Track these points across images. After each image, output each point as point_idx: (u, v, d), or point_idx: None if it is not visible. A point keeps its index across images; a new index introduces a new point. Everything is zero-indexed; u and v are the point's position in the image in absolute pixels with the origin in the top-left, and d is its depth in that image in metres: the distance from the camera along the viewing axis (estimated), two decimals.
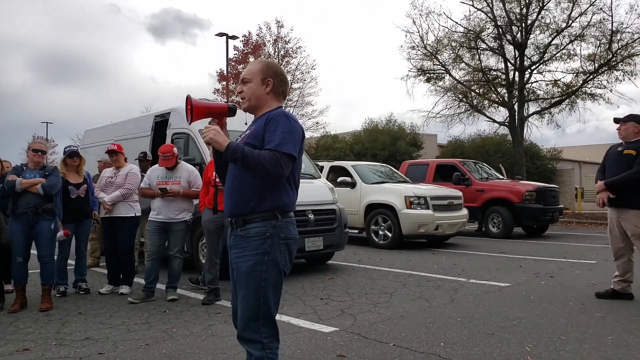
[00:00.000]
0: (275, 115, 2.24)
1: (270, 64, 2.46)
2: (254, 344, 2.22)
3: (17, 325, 4.33)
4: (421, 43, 19.36)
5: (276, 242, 2.23)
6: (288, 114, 2.27)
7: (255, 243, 2.22)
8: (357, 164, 11.26)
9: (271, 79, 2.35)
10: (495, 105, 19.88)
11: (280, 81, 2.39)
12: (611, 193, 4.98)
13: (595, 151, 27.53)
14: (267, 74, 2.36)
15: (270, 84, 2.35)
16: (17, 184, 4.80)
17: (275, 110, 2.30)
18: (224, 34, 22.22)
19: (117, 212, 5.57)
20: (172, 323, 4.35)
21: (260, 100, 2.36)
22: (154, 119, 8.10)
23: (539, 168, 21.66)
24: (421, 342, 3.73)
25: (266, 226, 2.22)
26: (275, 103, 2.38)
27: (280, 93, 2.41)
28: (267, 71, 2.37)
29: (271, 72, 2.37)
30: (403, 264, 7.54)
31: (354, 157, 20.59)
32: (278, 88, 2.38)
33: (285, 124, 2.19)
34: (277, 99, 2.40)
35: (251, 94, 2.35)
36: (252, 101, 2.36)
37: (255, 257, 2.21)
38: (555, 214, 11.86)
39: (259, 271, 2.21)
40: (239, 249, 2.27)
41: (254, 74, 2.36)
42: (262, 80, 2.35)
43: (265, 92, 2.35)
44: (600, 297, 5.10)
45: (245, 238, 2.24)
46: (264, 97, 2.35)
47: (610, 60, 17.21)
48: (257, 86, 2.35)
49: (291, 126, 2.20)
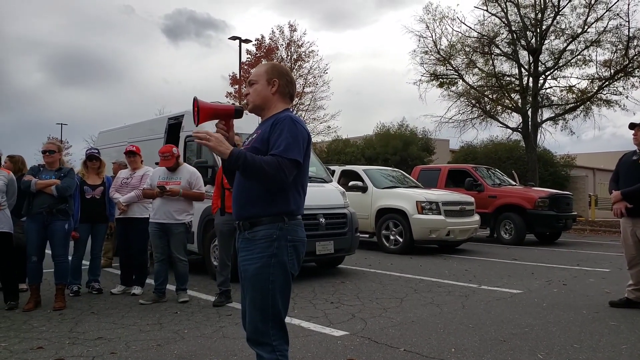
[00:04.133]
0: (282, 118, 2.21)
1: (276, 65, 2.45)
2: (263, 346, 2.20)
3: (31, 324, 4.39)
4: (434, 48, 19.35)
5: (283, 245, 2.22)
6: (294, 118, 2.24)
7: (262, 245, 2.21)
8: (369, 169, 11.26)
9: (277, 80, 2.34)
10: (509, 111, 19.78)
11: (286, 82, 2.37)
12: (629, 203, 4.92)
13: (611, 158, 27.13)
14: (273, 75, 2.35)
15: (275, 84, 2.34)
16: (33, 184, 4.89)
17: (282, 114, 2.28)
18: (237, 37, 22.38)
19: (131, 213, 5.63)
20: (184, 324, 4.38)
21: (266, 100, 2.34)
22: (167, 121, 8.17)
23: (552, 175, 21.42)
24: (432, 348, 3.71)
25: (273, 228, 2.21)
26: (281, 105, 2.36)
27: (287, 94, 2.38)
28: (272, 72, 2.36)
29: (276, 73, 2.36)
30: (414, 269, 7.51)
31: (365, 162, 20.53)
32: (284, 89, 2.36)
33: (291, 129, 2.17)
34: (284, 100, 2.38)
35: (257, 94, 2.35)
36: (257, 101, 2.35)
37: (262, 260, 2.20)
38: (568, 221, 11.75)
39: (266, 274, 2.19)
40: (246, 252, 2.26)
41: (260, 76, 2.36)
42: (268, 81, 2.34)
43: (271, 92, 2.34)
44: (614, 306, 5.04)
45: (253, 241, 2.23)
46: (270, 97, 2.34)
47: (627, 67, 17.02)
48: (263, 87, 2.34)
49: (297, 130, 2.18)
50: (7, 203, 4.93)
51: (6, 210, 4.92)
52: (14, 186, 5.03)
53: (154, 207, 5.38)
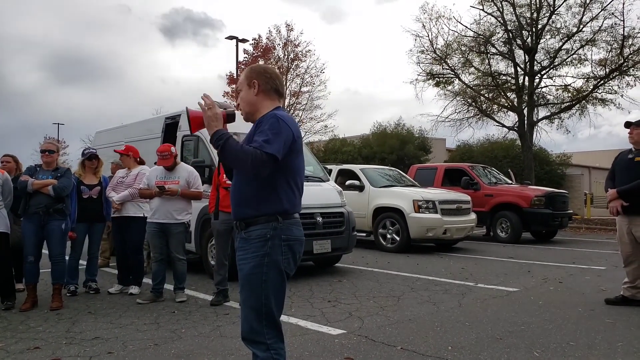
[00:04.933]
0: (267, 117, 2.23)
1: (253, 67, 2.44)
2: (258, 345, 2.22)
3: (28, 324, 4.38)
4: (430, 47, 19.38)
5: (277, 244, 2.22)
6: (279, 115, 2.21)
7: (256, 245, 2.22)
8: (366, 168, 11.27)
9: (256, 80, 2.33)
10: (505, 110, 19.83)
11: (266, 79, 2.34)
12: (624, 201, 4.95)
13: (606, 157, 27.28)
14: (251, 77, 2.34)
15: (255, 85, 2.33)
16: (29, 184, 4.88)
17: (268, 113, 2.27)
18: (234, 37, 22.36)
19: (125, 212, 5.61)
20: (181, 323, 4.38)
21: (252, 104, 2.34)
22: (164, 121, 8.16)
23: (548, 173, 21.51)
24: (429, 346, 3.72)
25: (266, 228, 2.22)
26: (268, 103, 2.34)
27: (270, 90, 2.35)
28: (250, 74, 2.36)
29: (254, 74, 2.36)
30: (411, 268, 7.53)
31: (362, 161, 20.57)
32: (266, 86, 2.33)
33: (273, 125, 2.16)
34: (269, 97, 2.35)
35: (244, 101, 2.36)
36: (245, 108, 2.36)
37: (255, 259, 2.22)
38: (564, 220, 11.81)
39: (259, 273, 2.21)
40: (242, 252, 2.28)
41: (241, 83, 2.38)
42: (249, 85, 2.34)
43: (254, 94, 2.33)
44: (609, 304, 5.07)
45: (248, 240, 2.25)
46: (254, 100, 2.33)
47: (622, 66, 17.09)
48: (246, 92, 2.34)
49: (279, 127, 2.16)
50: (3, 203, 4.92)
51: (2, 210, 4.91)
52: (9, 185, 5.01)
53: (152, 207, 5.37)
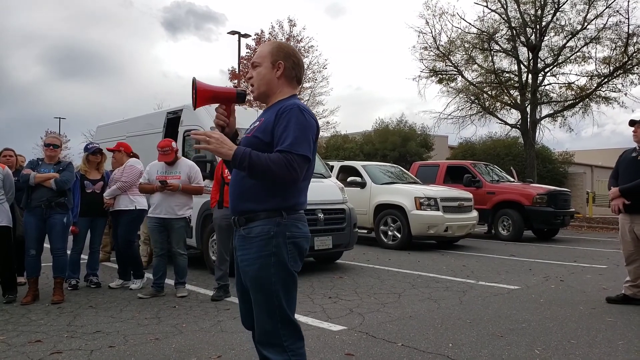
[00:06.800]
0: (288, 107, 1.99)
1: (281, 45, 2.21)
2: (274, 347, 2.06)
3: (29, 317, 4.40)
4: (434, 44, 19.32)
5: (282, 242, 2.03)
6: (302, 107, 2.01)
7: (259, 244, 2.03)
8: (367, 164, 11.26)
9: (282, 62, 2.12)
10: (508, 108, 19.77)
11: (293, 64, 2.14)
12: (626, 199, 4.93)
13: (609, 155, 27.26)
14: (278, 56, 2.12)
15: (281, 67, 2.12)
16: (31, 177, 4.88)
17: (288, 101, 2.07)
18: (236, 32, 22.31)
19: (117, 206, 5.64)
20: (182, 318, 4.39)
21: (271, 85, 2.13)
22: (166, 115, 8.15)
23: (550, 171, 21.48)
24: (429, 343, 3.72)
25: (269, 224, 2.03)
26: (288, 89, 2.15)
27: (293, 78, 2.16)
28: (277, 53, 2.13)
29: (282, 54, 2.14)
30: (412, 265, 7.52)
31: (364, 157, 20.55)
32: (290, 72, 2.14)
33: (299, 120, 1.96)
34: (290, 84, 2.16)
35: (260, 79, 2.13)
36: (261, 87, 2.14)
37: (260, 261, 2.03)
38: (566, 218, 11.78)
39: (268, 275, 2.02)
40: (243, 251, 2.09)
41: (264, 57, 2.14)
42: (273, 64, 2.12)
43: (276, 76, 2.12)
44: (611, 302, 5.06)
45: (248, 238, 2.06)
46: (275, 82, 2.13)
47: (626, 64, 17.02)
48: (267, 70, 2.12)
49: (305, 122, 1.97)
50: (5, 197, 4.93)
51: (5, 204, 4.92)
52: (10, 179, 5.02)
53: (153, 202, 5.37)
